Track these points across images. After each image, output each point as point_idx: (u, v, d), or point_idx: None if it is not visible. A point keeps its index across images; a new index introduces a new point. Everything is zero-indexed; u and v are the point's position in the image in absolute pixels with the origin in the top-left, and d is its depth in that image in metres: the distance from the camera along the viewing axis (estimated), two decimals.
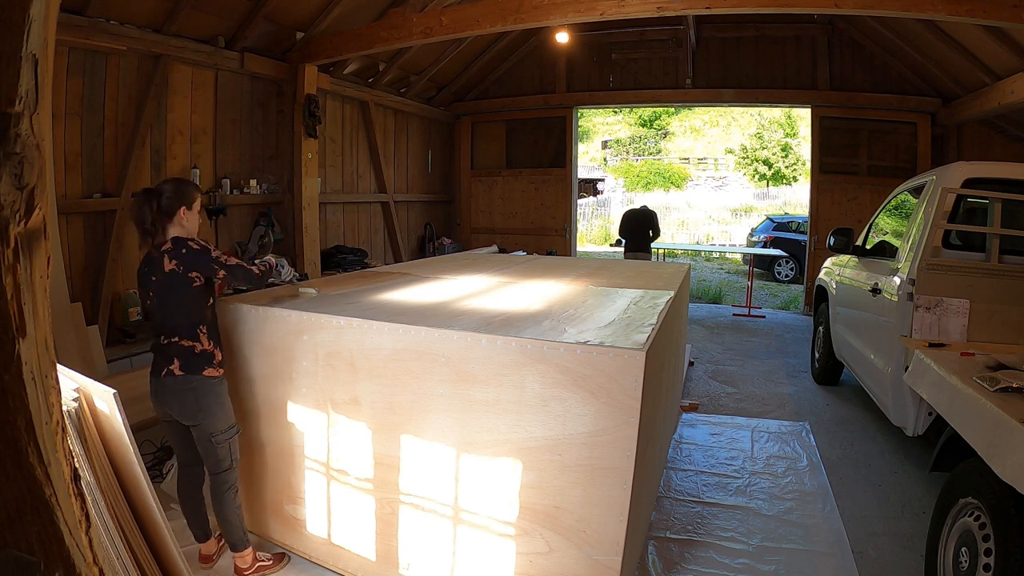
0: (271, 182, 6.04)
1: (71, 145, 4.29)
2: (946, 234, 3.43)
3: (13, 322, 0.68)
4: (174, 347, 2.25)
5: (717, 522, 2.96)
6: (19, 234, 0.68)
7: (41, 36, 0.70)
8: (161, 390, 2.27)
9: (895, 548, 2.75)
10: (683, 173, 25.28)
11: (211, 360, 2.29)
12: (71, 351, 3.69)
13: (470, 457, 2.07)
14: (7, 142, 0.66)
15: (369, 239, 7.93)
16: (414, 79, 8.21)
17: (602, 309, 2.57)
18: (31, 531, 0.70)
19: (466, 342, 2.06)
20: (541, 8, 4.92)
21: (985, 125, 7.25)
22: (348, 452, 2.32)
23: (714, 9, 4.75)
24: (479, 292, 3.00)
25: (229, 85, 5.57)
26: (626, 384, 1.87)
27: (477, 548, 2.10)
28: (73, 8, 4.06)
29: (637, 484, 1.92)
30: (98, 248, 4.49)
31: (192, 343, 2.25)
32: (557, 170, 9.42)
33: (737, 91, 8.44)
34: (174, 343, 2.25)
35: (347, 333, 2.28)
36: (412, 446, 2.18)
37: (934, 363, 2.72)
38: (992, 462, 1.93)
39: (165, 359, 2.25)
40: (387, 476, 2.23)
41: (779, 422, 4.29)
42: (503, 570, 2.05)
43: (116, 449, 1.90)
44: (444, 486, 2.13)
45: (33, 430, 0.71)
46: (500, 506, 2.04)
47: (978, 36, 5.42)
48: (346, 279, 3.45)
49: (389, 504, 2.24)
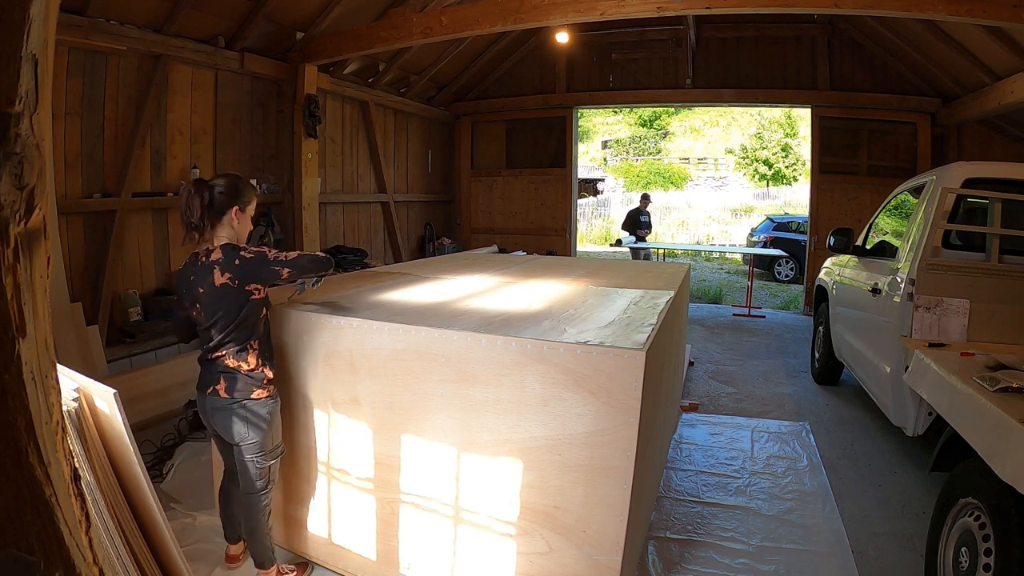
0: (271, 182, 6.04)
1: (71, 145, 4.29)
2: (946, 234, 3.43)
3: (13, 322, 0.68)
4: (220, 365, 2.11)
5: (717, 522, 2.96)
6: (19, 234, 0.68)
7: (41, 36, 0.70)
8: (207, 407, 2.16)
9: (895, 548, 2.75)
10: (683, 173, 25.29)
11: (260, 381, 2.14)
12: (71, 351, 3.69)
13: (470, 457, 2.08)
14: (7, 142, 0.66)
15: (369, 239, 7.93)
16: (414, 79, 8.21)
17: (602, 309, 2.57)
18: (31, 531, 0.70)
19: (466, 342, 2.07)
20: (541, 8, 4.92)
21: (985, 125, 7.25)
22: (348, 452, 2.32)
23: (714, 9, 4.75)
24: (479, 292, 3.00)
25: (229, 85, 5.57)
26: (626, 384, 1.87)
27: (477, 548, 2.10)
28: (73, 8, 4.06)
29: (637, 484, 1.92)
30: (98, 248, 4.49)
31: (238, 363, 2.10)
32: (557, 170, 9.42)
33: (737, 91, 8.44)
34: (220, 360, 2.11)
35: (347, 333, 2.28)
36: (412, 446, 2.18)
37: (934, 363, 2.71)
38: (992, 462, 1.93)
39: (211, 377, 2.13)
40: (387, 476, 2.23)
41: (779, 422, 4.29)
42: (503, 570, 2.05)
43: (116, 449, 1.90)
44: (444, 486, 2.13)
45: (33, 430, 0.71)
46: (500, 506, 2.04)
47: (978, 36, 5.42)
48: (347, 280, 3.45)
49: (389, 504, 2.25)
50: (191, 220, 2.08)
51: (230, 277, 2.05)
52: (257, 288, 2.11)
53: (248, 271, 2.07)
